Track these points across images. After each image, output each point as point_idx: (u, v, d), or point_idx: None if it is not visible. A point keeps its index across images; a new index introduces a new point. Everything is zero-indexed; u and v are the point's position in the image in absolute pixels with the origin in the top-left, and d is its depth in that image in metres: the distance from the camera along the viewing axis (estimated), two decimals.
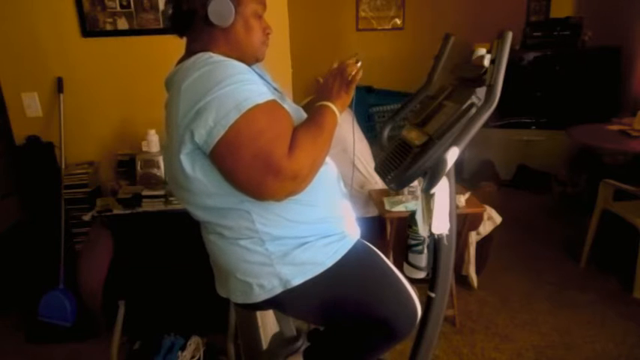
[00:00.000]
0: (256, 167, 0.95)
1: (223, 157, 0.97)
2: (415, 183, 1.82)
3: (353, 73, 1.16)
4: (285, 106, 1.06)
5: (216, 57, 1.01)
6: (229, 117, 0.93)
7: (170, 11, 1.10)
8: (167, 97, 1.08)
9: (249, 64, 1.11)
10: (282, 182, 0.96)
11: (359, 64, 1.21)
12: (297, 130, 1.02)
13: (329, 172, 1.17)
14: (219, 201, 1.05)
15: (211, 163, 0.99)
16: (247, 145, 0.94)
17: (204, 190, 1.04)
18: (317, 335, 1.37)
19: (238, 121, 0.93)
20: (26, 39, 2.17)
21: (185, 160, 1.00)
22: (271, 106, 0.99)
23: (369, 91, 4.42)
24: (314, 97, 1.21)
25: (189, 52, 1.09)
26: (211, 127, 0.94)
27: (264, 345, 1.41)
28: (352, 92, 1.17)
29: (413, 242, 1.22)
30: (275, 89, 1.19)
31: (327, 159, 1.17)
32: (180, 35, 1.13)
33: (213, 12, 1.04)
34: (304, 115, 1.14)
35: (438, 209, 1.03)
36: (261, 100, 0.97)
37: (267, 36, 1.15)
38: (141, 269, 2.03)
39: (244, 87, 0.97)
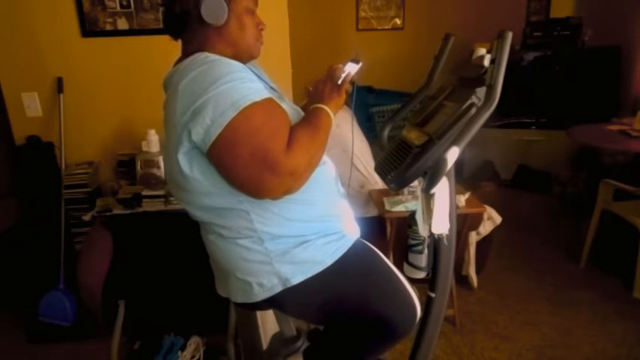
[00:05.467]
0: (254, 164, 0.95)
1: (221, 155, 0.97)
2: (415, 183, 1.81)
3: (342, 75, 1.17)
4: (284, 105, 1.07)
5: (213, 56, 1.02)
6: (226, 115, 0.93)
7: (163, 14, 1.10)
8: (165, 98, 1.09)
9: (244, 61, 1.12)
10: (279, 179, 0.96)
11: (359, 65, 1.22)
12: (294, 128, 1.03)
13: (327, 171, 1.17)
14: (217, 201, 1.05)
15: (209, 161, 1.00)
16: (245, 143, 0.94)
17: (202, 190, 1.04)
18: (317, 335, 1.37)
19: (235, 119, 0.94)
20: (26, 39, 2.17)
21: (183, 159, 1.01)
22: (268, 103, 0.99)
23: (369, 91, 4.43)
24: (307, 102, 1.21)
25: (186, 53, 1.09)
26: (208, 125, 0.94)
27: (264, 345, 1.41)
28: (344, 93, 1.18)
29: (413, 242, 1.22)
30: (273, 89, 1.19)
31: (326, 158, 1.18)
32: (176, 38, 1.13)
33: (206, 11, 1.04)
34: (302, 115, 1.14)
35: (438, 209, 1.03)
36: (258, 97, 0.97)
37: (261, 32, 1.15)
38: (141, 269, 2.03)
39: (241, 85, 0.97)
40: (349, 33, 4.66)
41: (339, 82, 1.17)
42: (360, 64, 1.22)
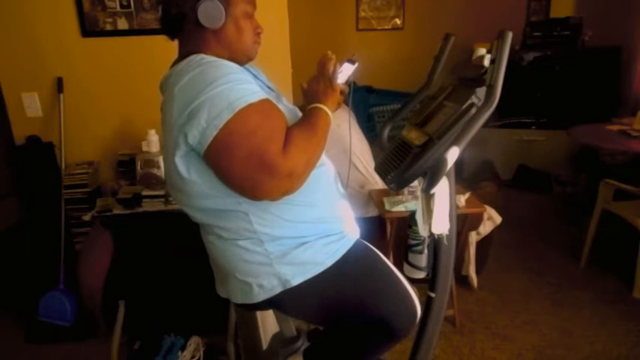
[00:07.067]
0: (251, 166, 0.94)
1: (217, 158, 0.96)
2: (415, 183, 1.80)
3: (337, 75, 1.16)
4: (281, 106, 1.06)
5: (208, 58, 1.02)
6: (222, 117, 0.93)
7: (160, 14, 1.10)
8: (162, 100, 1.08)
9: (241, 63, 1.11)
10: (277, 181, 0.95)
11: (355, 66, 1.21)
12: (291, 128, 1.02)
13: (327, 172, 1.17)
14: (216, 202, 1.05)
15: (206, 164, 0.99)
16: (241, 145, 0.94)
17: (201, 192, 1.04)
18: (317, 335, 1.37)
19: (231, 121, 0.93)
20: (26, 39, 2.17)
21: (180, 162, 1.00)
22: (264, 104, 0.99)
23: (369, 91, 4.42)
24: (303, 104, 1.21)
25: (182, 55, 1.09)
26: (204, 127, 0.94)
27: (264, 345, 1.41)
28: (338, 87, 1.16)
29: (413, 242, 1.22)
30: (270, 89, 1.18)
31: (326, 159, 1.17)
32: (172, 38, 1.12)
33: (203, 15, 1.03)
34: (300, 115, 1.13)
35: (438, 209, 1.03)
36: (253, 99, 0.96)
37: (259, 35, 1.14)
38: (141, 269, 2.03)
39: (237, 86, 0.96)
40: (349, 33, 4.66)
41: (334, 80, 1.17)
42: (357, 64, 1.21)
